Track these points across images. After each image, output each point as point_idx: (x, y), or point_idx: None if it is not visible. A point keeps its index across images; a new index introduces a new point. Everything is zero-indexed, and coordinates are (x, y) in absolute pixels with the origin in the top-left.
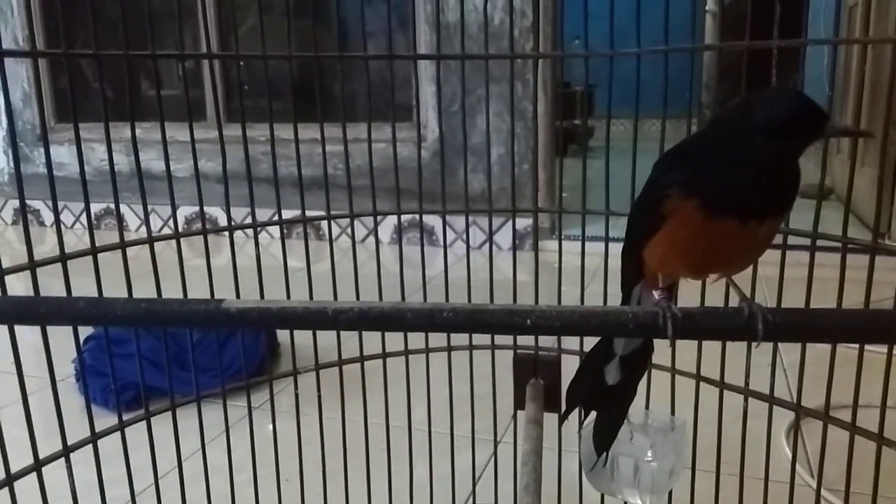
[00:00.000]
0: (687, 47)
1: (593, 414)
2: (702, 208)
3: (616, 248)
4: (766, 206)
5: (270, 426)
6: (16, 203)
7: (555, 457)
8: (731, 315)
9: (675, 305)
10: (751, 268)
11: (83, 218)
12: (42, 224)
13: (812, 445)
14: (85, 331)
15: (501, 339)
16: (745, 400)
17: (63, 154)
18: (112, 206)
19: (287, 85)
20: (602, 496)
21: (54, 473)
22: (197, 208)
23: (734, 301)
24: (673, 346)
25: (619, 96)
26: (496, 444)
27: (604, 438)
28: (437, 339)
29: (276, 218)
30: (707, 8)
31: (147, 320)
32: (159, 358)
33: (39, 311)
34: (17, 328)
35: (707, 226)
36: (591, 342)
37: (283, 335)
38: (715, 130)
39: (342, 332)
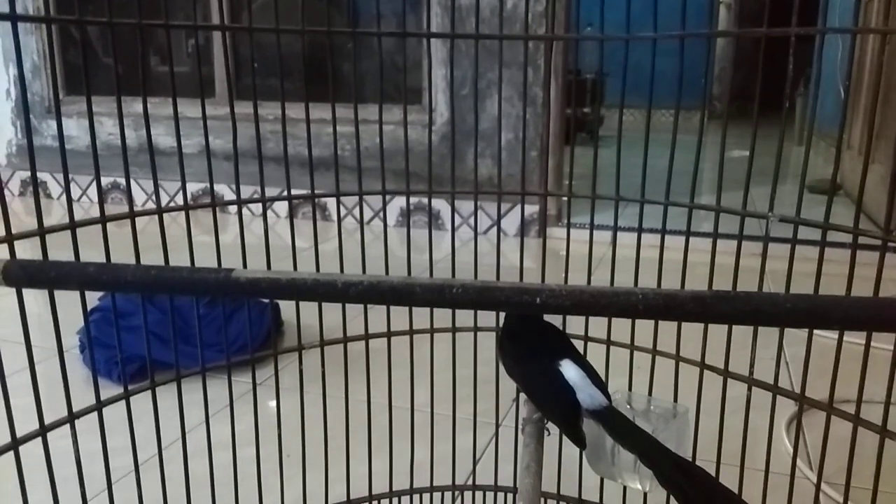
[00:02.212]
0: (704, 33)
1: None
2: None
3: (624, 238)
4: None
5: (273, 402)
6: (23, 175)
7: (555, 441)
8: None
9: None
10: (758, 261)
11: (90, 191)
12: (49, 196)
13: (812, 439)
14: (89, 303)
15: None
16: (749, 389)
17: (71, 127)
18: (118, 180)
19: (297, 65)
20: (602, 480)
21: (58, 443)
22: (204, 185)
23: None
24: (679, 333)
25: (630, 86)
26: (497, 426)
27: None
28: (442, 320)
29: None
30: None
31: (157, 287)
32: (164, 332)
33: (49, 275)
34: (24, 298)
35: None
36: (596, 325)
37: (287, 313)
38: None
39: (348, 312)
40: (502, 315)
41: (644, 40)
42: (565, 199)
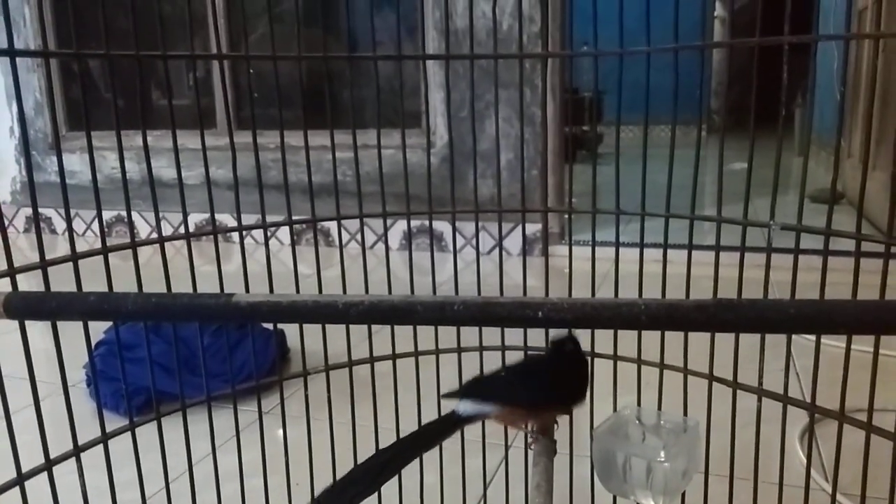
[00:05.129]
0: (697, 45)
1: (606, 414)
2: None
3: (627, 254)
4: None
5: (280, 431)
6: (28, 211)
7: (566, 460)
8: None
9: None
10: (762, 273)
11: (94, 226)
12: (54, 232)
13: (826, 450)
14: (95, 336)
15: (512, 340)
16: (759, 400)
17: (74, 162)
18: (122, 213)
19: (295, 94)
20: (614, 498)
21: (65, 479)
22: (206, 215)
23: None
24: (686, 345)
25: (627, 104)
26: (507, 448)
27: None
28: (448, 340)
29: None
30: (716, 14)
31: (158, 314)
32: (169, 362)
33: (50, 306)
34: (28, 336)
35: None
36: (602, 342)
37: (292, 340)
38: None
39: (352, 337)
40: (508, 334)
41: (638, 54)
42: (567, 216)
